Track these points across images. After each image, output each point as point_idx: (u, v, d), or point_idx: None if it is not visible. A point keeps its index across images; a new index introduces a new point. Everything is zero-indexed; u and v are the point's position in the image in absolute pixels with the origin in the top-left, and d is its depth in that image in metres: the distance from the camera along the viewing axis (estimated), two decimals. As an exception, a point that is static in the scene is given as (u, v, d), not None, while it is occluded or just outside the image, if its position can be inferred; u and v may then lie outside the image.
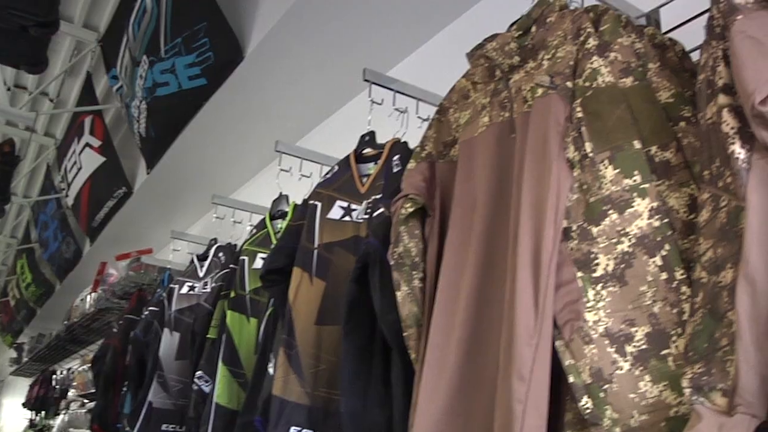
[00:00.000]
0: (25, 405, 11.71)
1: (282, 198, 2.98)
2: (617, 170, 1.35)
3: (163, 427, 3.28)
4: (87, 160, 6.10)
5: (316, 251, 2.22)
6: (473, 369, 1.47)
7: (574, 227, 1.36)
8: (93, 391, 6.83)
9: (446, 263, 1.63)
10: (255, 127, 3.99)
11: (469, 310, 1.51)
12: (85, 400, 7.66)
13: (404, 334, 1.66)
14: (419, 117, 2.44)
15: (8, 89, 6.71)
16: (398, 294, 1.68)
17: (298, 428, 2.03)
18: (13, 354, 14.10)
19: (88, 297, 6.84)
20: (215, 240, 3.55)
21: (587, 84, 1.46)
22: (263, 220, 2.99)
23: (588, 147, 1.39)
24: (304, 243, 2.26)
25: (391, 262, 1.71)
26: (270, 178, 4.20)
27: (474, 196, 1.65)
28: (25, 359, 12.49)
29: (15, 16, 3.66)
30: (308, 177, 2.94)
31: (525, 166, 1.47)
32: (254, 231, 2.99)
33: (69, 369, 9.68)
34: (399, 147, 2.20)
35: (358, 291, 1.88)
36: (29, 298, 10.78)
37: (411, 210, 1.73)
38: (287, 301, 2.17)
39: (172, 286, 3.61)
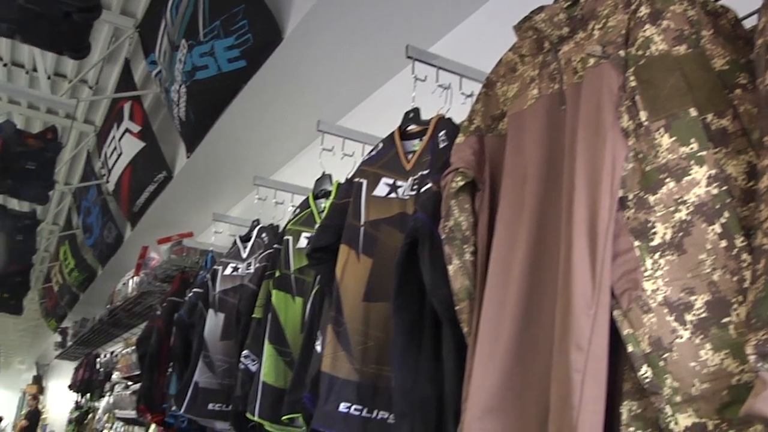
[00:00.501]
0: (70, 387, 11.93)
1: (325, 177, 2.98)
2: (673, 138, 1.33)
3: (210, 406, 3.31)
4: (127, 146, 6.16)
5: (362, 228, 2.23)
6: (528, 341, 1.47)
7: (630, 196, 1.34)
8: (137, 373, 6.94)
9: (498, 237, 1.63)
10: (295, 107, 4.00)
11: (523, 282, 1.51)
12: (129, 382, 7.76)
13: (456, 307, 1.67)
14: (462, 93, 2.43)
15: (48, 78, 6.79)
16: (450, 268, 1.68)
17: (348, 404, 2.04)
18: (58, 338, 14.38)
19: (130, 281, 6.93)
20: (258, 221, 3.57)
21: (640, 52, 1.44)
22: (306, 199, 3.00)
23: (643, 116, 1.38)
24: (351, 220, 2.26)
25: (442, 236, 1.71)
26: (311, 158, 4.22)
27: (524, 169, 1.65)
28: (69, 343, 12.72)
29: (58, 3, 3.71)
30: (350, 156, 2.95)
31: (578, 137, 1.45)
32: (298, 211, 3.00)
33: (112, 352, 9.83)
34: (444, 123, 2.19)
35: (408, 266, 1.89)
36: (72, 283, 10.95)
37: (461, 184, 1.73)
38: (334, 279, 2.19)
39: (215, 267, 3.64)
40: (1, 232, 8.53)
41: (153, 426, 6.24)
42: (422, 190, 1.96)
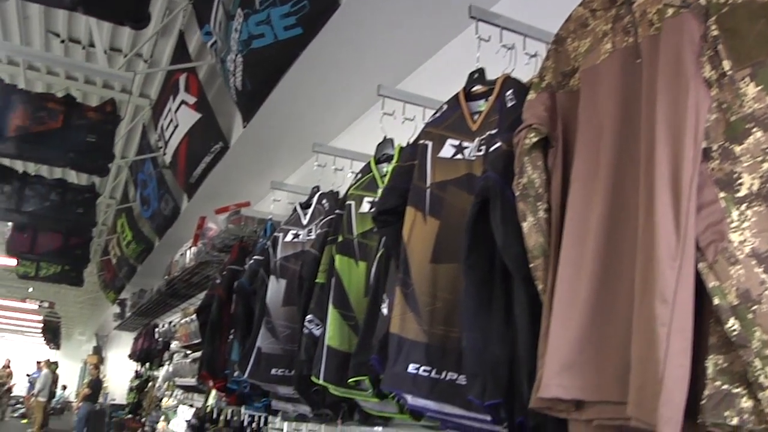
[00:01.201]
0: (130, 357, 12.21)
1: (387, 141, 2.97)
2: (759, 87, 1.29)
3: (273, 371, 3.35)
4: (183, 118, 6.22)
5: (428, 190, 2.22)
6: (606, 297, 1.45)
7: (715, 147, 1.32)
8: (197, 341, 7.06)
9: (573, 193, 1.61)
10: (353, 72, 3.99)
11: (600, 237, 1.49)
12: (188, 351, 7.91)
13: (531, 265, 1.66)
14: (526, 53, 2.40)
15: (105, 52, 6.87)
16: (524, 225, 1.67)
17: (417, 365, 2.05)
18: (117, 310, 14.70)
19: (188, 252, 7.03)
20: (318, 188, 3.58)
21: (722, 0, 1.40)
22: (368, 164, 2.99)
23: (726, 65, 1.35)
24: (416, 182, 2.26)
25: (516, 193, 1.70)
26: (370, 123, 4.21)
27: (599, 125, 1.62)
28: (128, 314, 13.01)
29: (117, -27, 3.74)
30: (411, 120, 2.94)
31: (658, 89, 1.42)
32: (359, 176, 3.00)
33: (170, 322, 10.01)
34: (511, 82, 2.17)
35: (478, 226, 1.88)
36: (130, 256, 11.15)
37: (535, 140, 1.71)
38: (401, 241, 2.19)
39: (276, 234, 3.66)
40: (61, 206, 8.72)
41: (213, 392, 6.34)
42: (491, 149, 1.95)
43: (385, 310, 2.28)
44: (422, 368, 2.04)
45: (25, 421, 23.64)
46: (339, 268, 2.79)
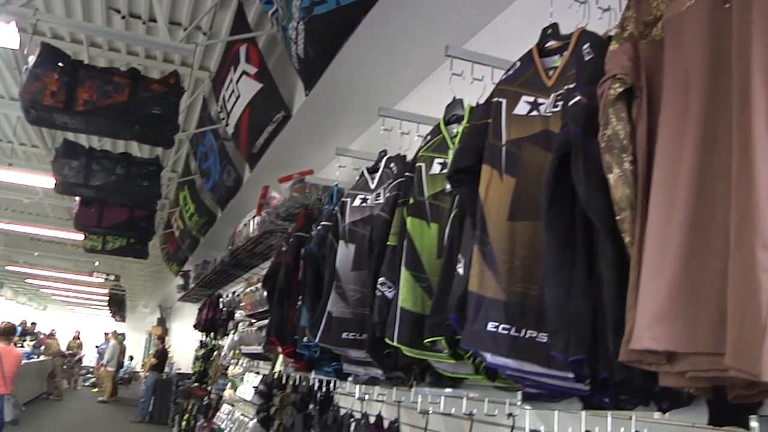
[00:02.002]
0: (195, 327, 12.43)
1: (456, 102, 2.95)
2: None
3: (344, 335, 3.37)
4: (244, 88, 6.26)
5: (504, 148, 2.20)
6: (699, 245, 1.42)
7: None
8: (261, 309, 7.17)
9: (661, 143, 1.58)
10: (417, 34, 3.95)
11: (691, 186, 1.46)
12: (253, 320, 8.02)
13: (617, 217, 1.63)
14: (599, 7, 2.36)
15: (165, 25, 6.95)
16: (610, 177, 1.64)
17: (496, 324, 2.04)
18: (180, 281, 14.98)
19: (251, 221, 7.11)
20: (385, 152, 3.58)
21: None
22: (437, 125, 2.98)
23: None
24: (491, 140, 2.24)
25: (601, 145, 1.67)
26: (434, 86, 4.19)
27: (687, 73, 1.58)
28: (191, 285, 13.24)
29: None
30: (480, 80, 2.91)
31: (752, 33, 1.38)
32: (428, 137, 2.98)
33: (234, 292, 10.18)
34: (587, 35, 2.13)
35: (558, 181, 1.86)
36: (192, 227, 11.33)
37: (620, 90, 1.68)
38: (478, 199, 2.18)
39: (343, 199, 3.67)
40: (127, 179, 8.89)
41: (281, 358, 6.44)
42: (570, 103, 1.92)
43: (460, 270, 2.28)
44: (501, 326, 2.03)
45: (95, 390, 24.40)
46: (411, 230, 2.79)
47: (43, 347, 21.77)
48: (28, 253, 22.58)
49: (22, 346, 18.92)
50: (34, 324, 26.94)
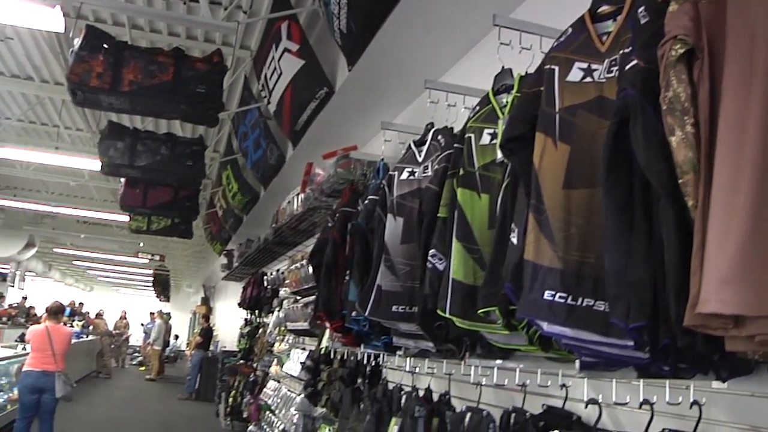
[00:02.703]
0: (240, 305, 12.56)
1: (505, 72, 2.92)
2: None
3: (393, 308, 3.37)
4: (286, 65, 6.26)
5: (557, 115, 2.18)
6: (768, 207, 1.40)
7: None
8: (307, 286, 7.22)
9: (726, 103, 1.55)
10: (461, 4, 3.90)
11: (759, 147, 1.43)
12: (298, 297, 8.09)
13: (680, 180, 1.60)
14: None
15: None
16: (672, 139, 1.62)
17: (552, 292, 2.03)
18: (224, 260, 15.15)
19: (295, 199, 7.14)
20: (432, 124, 3.55)
21: None
22: (486, 96, 2.95)
23: None
24: (544, 108, 2.22)
25: (663, 107, 1.64)
26: (480, 57, 4.16)
27: (751, 33, 1.55)
28: (235, 264, 13.37)
29: None
30: (528, 49, 2.88)
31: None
32: (477, 108, 2.96)
33: (278, 270, 10.26)
34: (642, -1, 2.08)
35: (616, 146, 1.83)
36: (236, 206, 11.43)
37: (681, 51, 1.64)
38: (532, 167, 2.16)
39: (391, 173, 3.66)
40: (171, 159, 8.98)
41: (327, 334, 6.48)
42: (626, 68, 1.89)
43: (514, 240, 2.27)
44: (558, 295, 2.02)
45: (142, 368, 24.83)
46: (461, 201, 2.78)
47: (91, 327, 22.20)
48: (75, 235, 23.02)
49: (72, 326, 19.29)
50: (81, 304, 27.48)
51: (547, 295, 2.03)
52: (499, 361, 3.00)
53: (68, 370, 8.78)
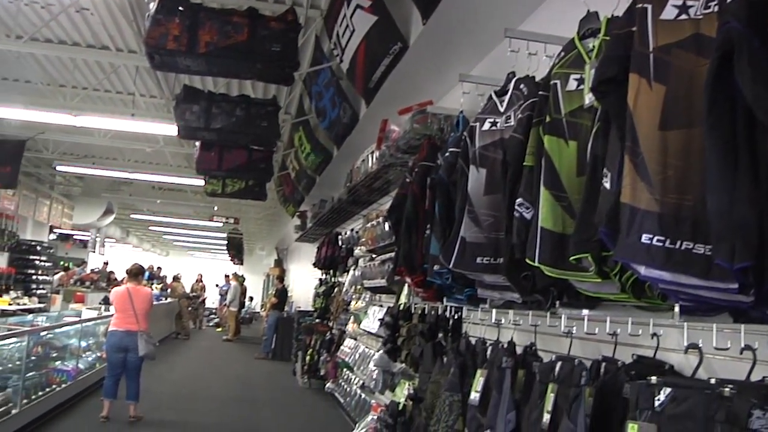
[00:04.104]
0: (315, 265, 12.72)
1: (591, 15, 2.85)
2: None
3: (478, 259, 3.36)
4: (359, 22, 6.22)
5: (652, 55, 2.12)
6: None
7: None
8: (383, 244, 7.25)
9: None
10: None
11: None
12: (374, 255, 8.13)
13: (791, 115, 1.55)
14: None
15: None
16: (784, 71, 1.55)
17: (650, 235, 1.99)
18: (297, 222, 15.32)
19: (369, 157, 7.16)
20: (513, 73, 3.50)
21: None
22: (571, 41, 2.88)
23: None
24: (638, 48, 2.16)
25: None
26: (560, 3, 4.05)
27: None
28: (308, 225, 13.51)
29: None
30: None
31: None
32: (562, 54, 2.90)
33: (352, 229, 10.33)
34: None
35: (718, 83, 1.77)
36: (308, 167, 11.50)
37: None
38: (626, 109, 2.11)
39: (472, 124, 3.63)
40: (246, 120, 9.08)
41: (405, 290, 6.53)
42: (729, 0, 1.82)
43: (607, 185, 2.23)
44: (656, 238, 1.98)
45: (219, 329, 25.45)
46: (548, 148, 2.74)
47: (169, 290, 22.80)
48: (151, 201, 23.56)
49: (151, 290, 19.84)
50: (159, 268, 28.24)
51: (645, 238, 1.99)
52: (586, 311, 2.97)
53: (150, 331, 9.05)
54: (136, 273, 9.40)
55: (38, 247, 19.65)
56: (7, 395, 7.29)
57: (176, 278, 24.05)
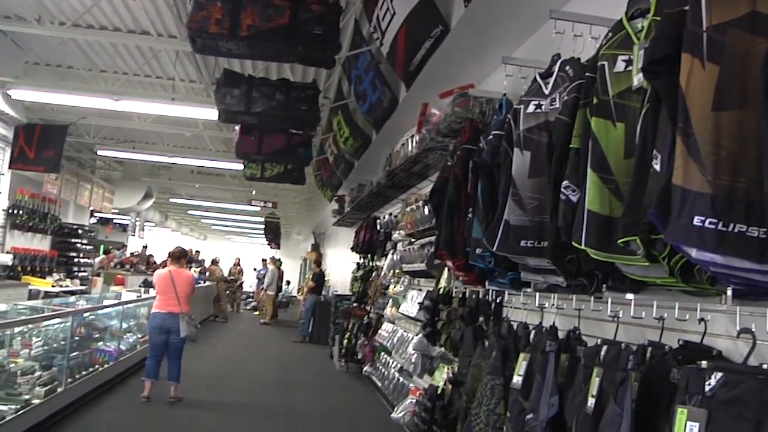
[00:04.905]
0: (353, 249, 12.74)
1: (640, -5, 2.81)
2: None
3: (522, 242, 3.35)
4: (400, 5, 6.18)
5: (705, 34, 2.07)
6: None
7: None
8: (422, 228, 7.25)
9: None
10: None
11: None
12: (413, 239, 8.13)
13: None
14: None
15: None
16: None
17: (702, 217, 1.96)
18: (334, 206, 15.36)
19: (410, 140, 7.14)
20: (558, 55, 3.46)
21: None
22: (619, 21, 2.84)
23: None
24: (690, 27, 2.11)
25: None
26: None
27: None
28: (346, 210, 13.54)
29: None
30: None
31: None
32: (610, 35, 2.86)
33: (390, 213, 10.33)
34: None
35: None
36: (347, 151, 11.50)
37: None
38: (679, 89, 2.08)
39: (516, 107, 3.61)
40: (287, 104, 9.10)
41: (445, 274, 6.52)
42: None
43: (657, 167, 2.20)
44: (708, 220, 1.95)
45: (256, 313, 25.69)
46: (596, 131, 2.71)
47: (207, 273, 23.03)
48: (190, 185, 23.78)
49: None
50: (198, 252, 28.52)
51: (697, 220, 1.97)
52: (630, 296, 2.95)
53: (192, 313, 9.17)
54: (178, 256, 9.52)
55: (80, 231, 19.91)
56: (53, 374, 7.44)
57: (214, 262, 24.26)
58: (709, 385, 2.17)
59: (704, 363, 2.26)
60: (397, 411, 7.02)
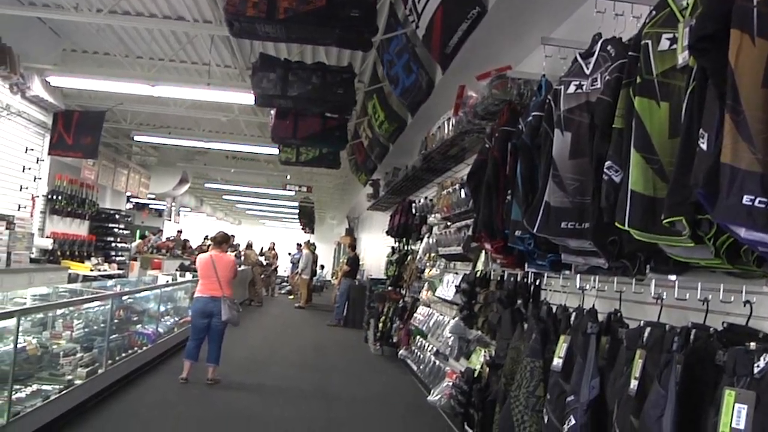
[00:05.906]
0: (388, 233, 12.75)
1: (685, -28, 2.76)
2: None
3: (563, 224, 3.32)
4: (436, -14, 6.15)
5: (756, 9, 2.04)
6: None
7: None
8: (459, 211, 7.23)
9: None
10: None
11: None
12: (449, 222, 8.11)
13: None
14: None
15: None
16: None
17: (752, 196, 1.94)
18: (369, 191, 15.37)
19: (446, 123, 7.11)
20: (599, 35, 3.42)
21: None
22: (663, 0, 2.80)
23: None
24: (740, 2, 2.07)
25: None
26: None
27: None
28: (381, 194, 13.54)
29: None
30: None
31: None
32: (653, 13, 2.81)
33: (426, 197, 10.31)
34: None
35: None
36: (382, 135, 11.49)
37: None
38: (728, 66, 2.04)
39: (556, 87, 3.57)
40: (323, 87, 9.11)
41: (482, 257, 6.50)
42: None
43: (703, 146, 2.17)
44: (758, 199, 1.93)
45: (291, 297, 25.85)
46: (639, 110, 2.68)
47: (242, 258, 23.20)
48: (225, 170, 23.92)
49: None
50: (233, 236, 28.70)
51: (746, 199, 1.94)
52: (672, 278, 2.92)
53: (234, 297, 9.28)
54: (220, 241, 9.65)
55: (117, 216, 20.15)
56: (93, 355, 7.57)
57: (249, 246, 24.41)
58: (758, 367, 2.15)
59: (753, 344, 2.24)
60: (434, 394, 7.03)
